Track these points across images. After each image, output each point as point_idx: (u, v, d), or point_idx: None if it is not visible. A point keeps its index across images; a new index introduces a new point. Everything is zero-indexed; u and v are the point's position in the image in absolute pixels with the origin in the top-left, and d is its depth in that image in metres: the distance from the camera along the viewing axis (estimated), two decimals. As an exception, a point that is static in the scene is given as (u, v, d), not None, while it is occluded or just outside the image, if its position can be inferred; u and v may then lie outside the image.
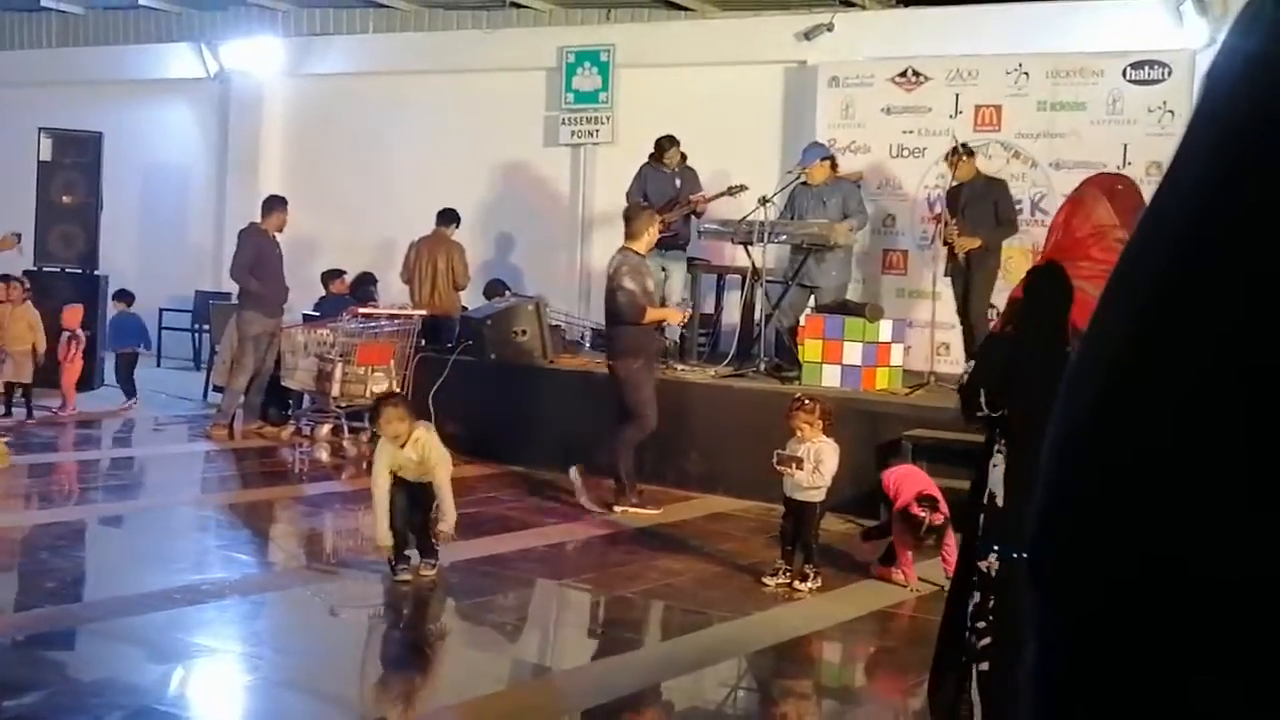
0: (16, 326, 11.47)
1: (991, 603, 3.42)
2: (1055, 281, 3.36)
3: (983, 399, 3.48)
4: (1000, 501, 3.45)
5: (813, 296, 10.33)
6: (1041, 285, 3.43)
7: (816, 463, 6.64)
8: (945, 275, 9.93)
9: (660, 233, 10.88)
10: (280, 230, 11.35)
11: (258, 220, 11.39)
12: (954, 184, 9.89)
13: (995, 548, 3.44)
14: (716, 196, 10.86)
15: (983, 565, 3.45)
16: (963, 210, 9.64)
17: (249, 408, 11.28)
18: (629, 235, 8.72)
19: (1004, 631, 3.35)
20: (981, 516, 3.51)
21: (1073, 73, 10.75)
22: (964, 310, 9.74)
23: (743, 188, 10.75)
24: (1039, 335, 3.33)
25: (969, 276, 9.58)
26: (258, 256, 11.08)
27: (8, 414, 11.28)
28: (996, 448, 3.49)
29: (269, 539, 8.02)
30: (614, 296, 8.52)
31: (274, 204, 11.46)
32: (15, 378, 11.34)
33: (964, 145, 9.90)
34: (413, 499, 6.55)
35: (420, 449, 6.48)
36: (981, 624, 3.43)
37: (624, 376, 8.51)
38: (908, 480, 6.81)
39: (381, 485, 6.46)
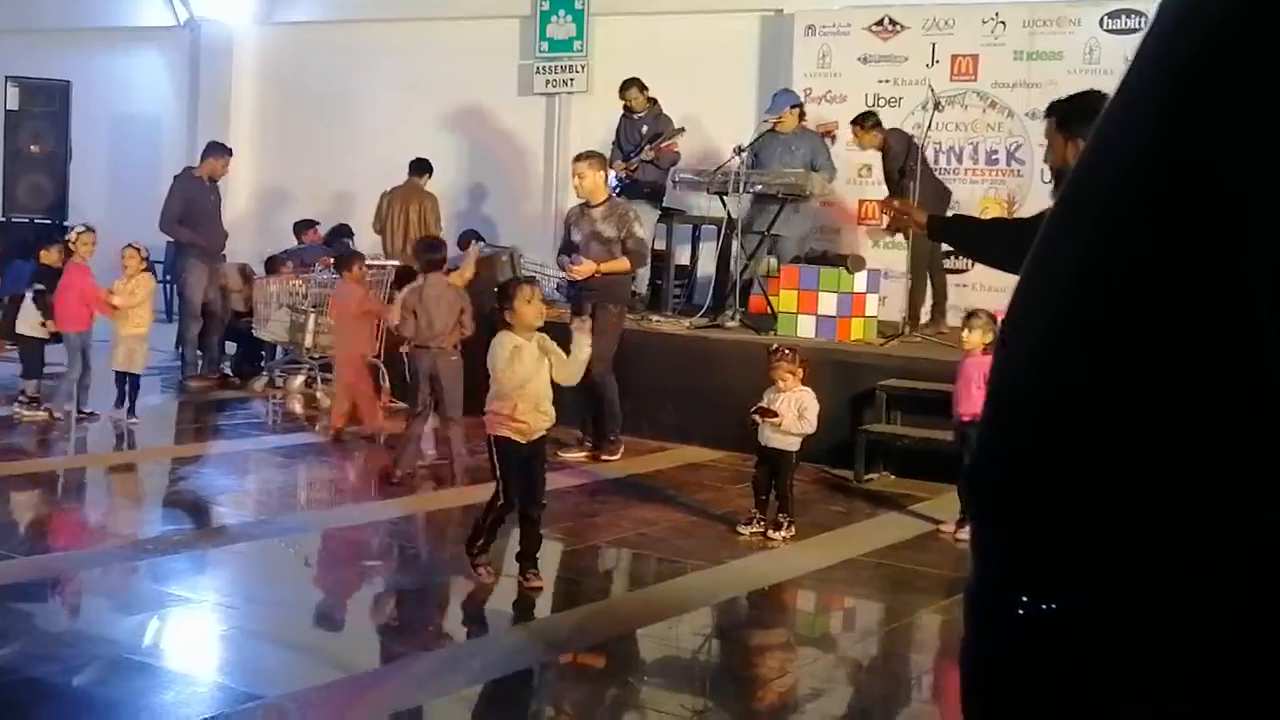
0: (138, 310, 9.23)
1: None
2: None
3: None
4: None
5: (775, 246, 10.25)
6: None
7: (800, 410, 6.63)
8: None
9: (624, 179, 10.72)
10: (215, 178, 11.30)
11: (193, 165, 11.29)
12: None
13: None
14: (660, 142, 10.73)
15: None
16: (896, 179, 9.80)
17: (208, 358, 11.24)
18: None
19: None
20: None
21: (1050, 22, 10.70)
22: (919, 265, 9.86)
23: (681, 129, 10.70)
24: None
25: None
26: (187, 205, 11.02)
27: (121, 403, 9.28)
28: None
29: (242, 490, 7.98)
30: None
31: (212, 150, 11.40)
32: (125, 366, 9.25)
33: (869, 114, 10.17)
34: (529, 489, 5.74)
35: (542, 341, 5.77)
36: None
37: None
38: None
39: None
